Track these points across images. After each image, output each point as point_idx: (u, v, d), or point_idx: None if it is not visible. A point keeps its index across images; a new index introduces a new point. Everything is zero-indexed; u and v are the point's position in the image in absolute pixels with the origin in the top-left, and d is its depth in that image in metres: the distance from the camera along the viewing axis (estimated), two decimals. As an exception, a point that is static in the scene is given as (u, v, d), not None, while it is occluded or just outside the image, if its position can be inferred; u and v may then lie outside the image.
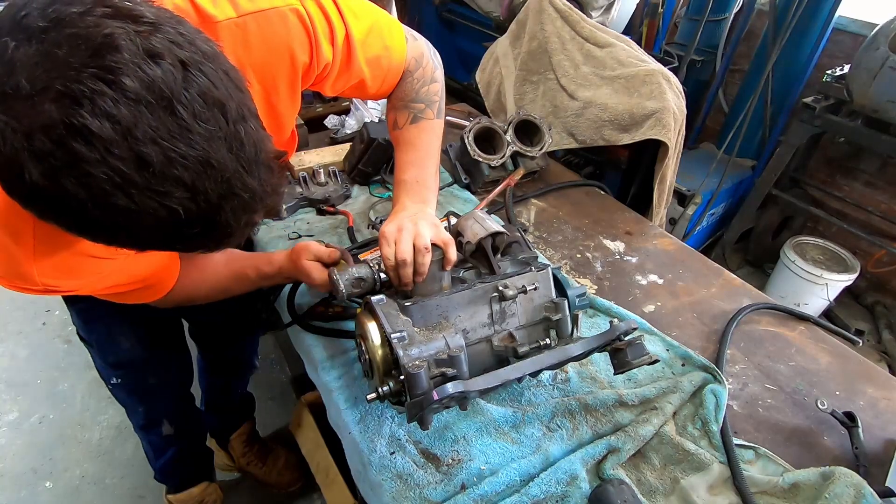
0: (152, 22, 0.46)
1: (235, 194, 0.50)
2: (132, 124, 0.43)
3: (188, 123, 0.46)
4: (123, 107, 0.43)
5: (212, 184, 0.48)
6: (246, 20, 0.71)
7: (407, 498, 0.80)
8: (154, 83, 0.44)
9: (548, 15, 1.69)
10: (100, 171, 0.43)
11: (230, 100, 0.49)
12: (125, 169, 0.44)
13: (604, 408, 0.92)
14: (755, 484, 0.82)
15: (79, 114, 0.42)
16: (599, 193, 1.58)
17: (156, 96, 0.44)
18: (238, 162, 0.49)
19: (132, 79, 0.43)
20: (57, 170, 0.43)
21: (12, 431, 1.99)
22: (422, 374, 0.71)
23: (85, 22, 0.44)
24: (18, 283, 0.66)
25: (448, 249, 0.88)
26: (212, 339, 1.51)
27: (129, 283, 0.82)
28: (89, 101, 0.42)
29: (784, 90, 2.53)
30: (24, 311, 2.47)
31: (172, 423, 1.39)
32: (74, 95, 0.42)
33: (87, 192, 0.44)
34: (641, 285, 1.24)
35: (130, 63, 0.43)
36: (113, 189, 0.44)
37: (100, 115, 0.42)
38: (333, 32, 0.81)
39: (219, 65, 0.49)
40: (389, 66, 0.95)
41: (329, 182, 1.43)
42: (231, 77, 0.50)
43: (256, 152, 0.51)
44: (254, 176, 0.51)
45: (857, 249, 2.63)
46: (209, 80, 0.47)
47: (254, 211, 0.54)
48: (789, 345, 1.09)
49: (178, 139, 0.45)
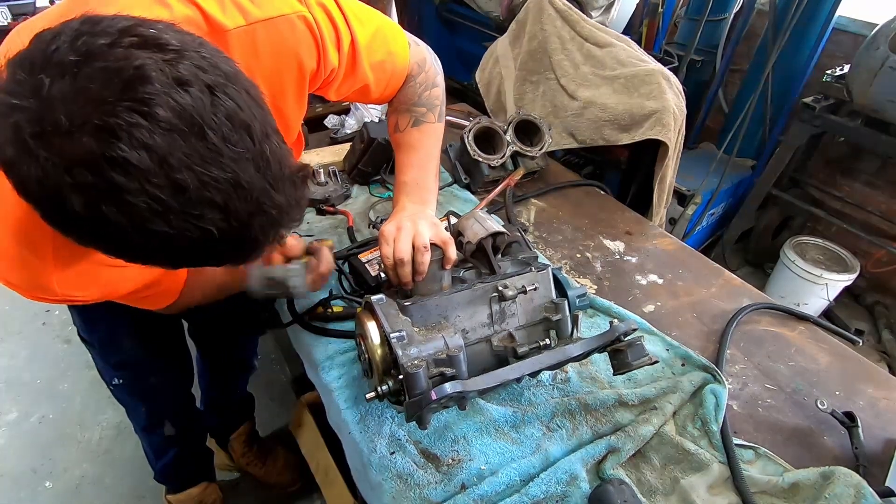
0: (178, 49, 0.48)
1: (264, 211, 0.52)
2: (167, 153, 0.45)
3: (219, 147, 0.47)
4: (158, 136, 0.44)
5: (242, 203, 0.49)
6: (255, 28, 0.71)
7: (407, 498, 0.80)
8: (185, 111, 0.45)
9: (548, 15, 1.69)
10: (140, 199, 0.45)
11: (255, 120, 0.50)
12: (163, 196, 0.45)
13: (604, 408, 0.92)
14: (755, 484, 0.82)
15: (117, 146, 0.43)
16: (599, 193, 1.58)
17: (187, 123, 0.46)
18: (265, 180, 0.51)
19: (164, 108, 0.44)
20: (98, 200, 0.45)
21: (12, 431, 1.99)
22: (420, 373, 0.71)
23: (115, 54, 0.45)
24: (39, 293, 0.68)
25: (447, 249, 0.88)
26: (211, 339, 1.51)
27: (144, 288, 0.83)
28: (126, 134, 0.43)
29: (784, 90, 2.52)
30: (25, 311, 2.47)
31: (174, 423, 1.39)
32: (112, 129, 0.43)
33: (128, 219, 0.46)
34: (641, 285, 1.24)
35: (162, 93, 0.44)
36: (151, 215, 0.46)
37: (137, 146, 0.44)
38: (340, 38, 0.81)
39: (241, 85, 0.51)
40: (393, 70, 0.96)
41: (329, 182, 1.43)
42: (252, 96, 0.52)
43: (281, 168, 0.53)
44: (280, 192, 0.53)
45: (857, 249, 2.62)
46: (235, 103, 0.49)
47: (281, 225, 0.56)
48: (789, 345, 1.09)
49: (211, 163, 0.47)
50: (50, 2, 2.63)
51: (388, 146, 1.40)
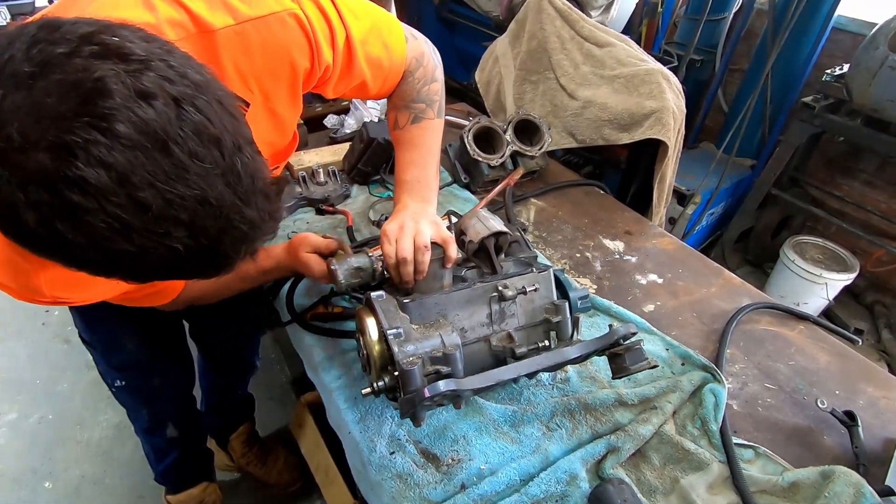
0: (142, 59, 0.45)
1: (234, 227, 0.50)
2: (128, 170, 0.42)
3: (185, 163, 0.45)
4: (118, 153, 0.42)
5: (210, 220, 0.48)
6: (245, 27, 0.70)
7: (407, 498, 0.80)
8: (148, 125, 0.43)
9: (547, 14, 1.69)
10: (98, 219, 0.43)
11: (225, 132, 0.48)
12: (123, 215, 0.43)
13: (603, 407, 0.92)
14: (755, 483, 0.82)
15: (74, 164, 0.41)
16: (599, 193, 1.58)
17: (150, 139, 0.43)
18: (235, 195, 0.49)
19: (125, 124, 0.42)
20: (54, 218, 0.43)
21: (12, 431, 1.99)
22: (415, 370, 0.71)
23: (73, 65, 0.42)
24: (29, 295, 0.67)
25: (448, 248, 0.88)
26: (213, 339, 1.51)
27: (138, 289, 0.82)
28: (83, 151, 0.41)
29: (783, 90, 2.52)
30: (24, 311, 2.47)
31: (177, 425, 1.39)
32: (68, 146, 0.41)
33: (87, 238, 0.44)
34: (641, 285, 1.24)
35: (123, 107, 0.42)
36: (112, 234, 0.44)
37: (94, 164, 0.41)
38: (334, 35, 0.80)
39: (212, 94, 0.48)
40: (391, 65, 0.94)
41: (328, 182, 1.43)
42: (224, 105, 0.49)
43: (254, 182, 0.51)
44: (251, 207, 0.51)
45: (857, 249, 2.63)
46: (203, 116, 0.46)
47: (253, 240, 0.54)
48: (789, 344, 1.09)
49: (176, 180, 0.45)
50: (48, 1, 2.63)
51: (387, 146, 1.40)
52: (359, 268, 0.91)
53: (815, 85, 2.40)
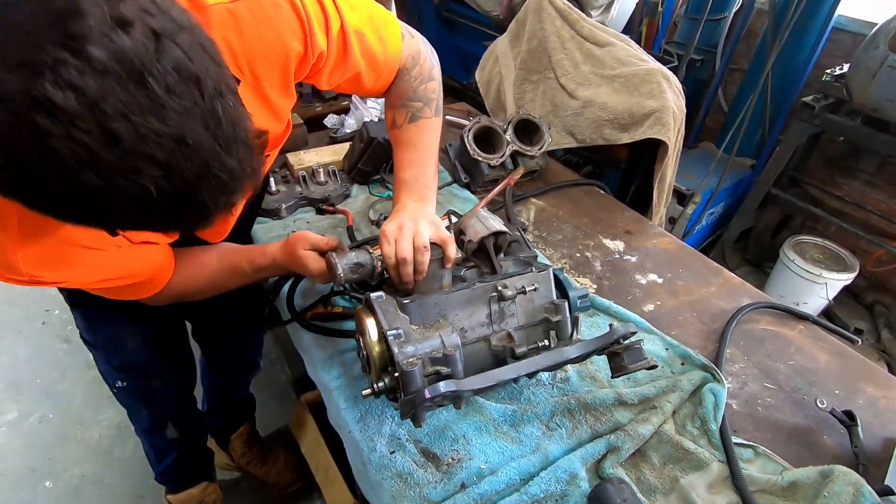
0: None
1: (213, 175, 0.48)
2: (99, 97, 0.40)
3: (161, 98, 0.42)
4: (90, 78, 0.39)
5: (187, 163, 0.45)
6: (238, 7, 0.69)
7: (407, 497, 0.80)
8: (124, 54, 0.41)
9: (547, 14, 1.69)
10: (64, 146, 0.40)
11: (206, 74, 0.46)
12: (91, 145, 0.41)
13: (603, 407, 0.92)
14: (754, 482, 0.82)
15: (41, 84, 0.38)
16: (599, 193, 1.58)
17: (125, 68, 0.41)
18: (215, 140, 0.47)
19: (99, 48, 0.40)
20: (18, 146, 0.40)
21: (12, 431, 1.99)
22: (415, 371, 0.71)
23: None
24: (4, 272, 0.65)
25: (447, 248, 0.88)
26: (215, 340, 1.51)
27: (119, 278, 0.80)
28: (51, 71, 0.39)
29: (783, 89, 2.53)
30: (24, 310, 2.47)
31: (177, 425, 1.38)
32: (35, 65, 0.38)
33: (52, 170, 0.41)
34: (641, 284, 1.24)
35: (97, 31, 0.40)
36: (80, 166, 0.42)
37: (63, 85, 0.39)
38: (328, 21, 0.79)
39: (194, 36, 0.46)
40: (385, 60, 0.93)
41: (328, 181, 1.43)
42: (207, 50, 0.47)
43: (235, 130, 0.49)
44: (232, 155, 0.49)
45: (857, 248, 2.63)
46: (184, 53, 0.44)
47: (233, 192, 0.52)
48: (789, 344, 1.09)
49: (151, 114, 0.42)
50: None
51: (387, 145, 1.40)
52: (359, 263, 0.90)
53: (814, 85, 2.40)
